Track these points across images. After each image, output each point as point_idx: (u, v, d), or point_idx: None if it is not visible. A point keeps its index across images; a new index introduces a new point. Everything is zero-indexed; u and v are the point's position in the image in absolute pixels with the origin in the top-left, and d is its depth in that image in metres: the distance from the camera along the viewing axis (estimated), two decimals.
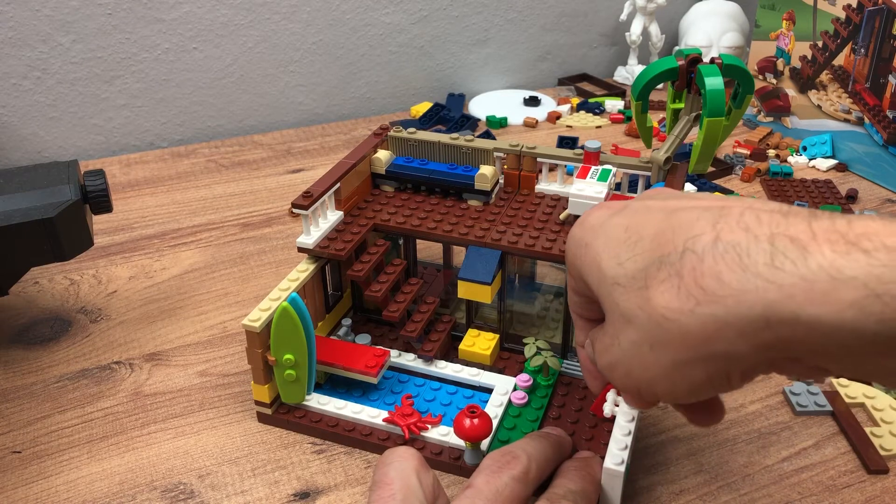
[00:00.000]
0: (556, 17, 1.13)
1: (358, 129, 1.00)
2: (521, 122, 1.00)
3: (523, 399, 0.50)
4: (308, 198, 0.51)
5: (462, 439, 0.45)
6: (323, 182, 0.53)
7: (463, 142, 0.58)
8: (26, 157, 0.91)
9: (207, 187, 0.84)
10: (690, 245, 0.31)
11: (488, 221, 0.54)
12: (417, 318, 0.53)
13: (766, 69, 0.94)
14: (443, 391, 0.52)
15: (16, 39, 0.85)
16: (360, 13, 1.00)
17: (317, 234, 0.52)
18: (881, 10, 0.78)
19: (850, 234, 0.27)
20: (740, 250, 0.29)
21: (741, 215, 0.30)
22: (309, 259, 0.53)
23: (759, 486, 0.47)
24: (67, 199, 0.53)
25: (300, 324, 0.45)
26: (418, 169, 0.58)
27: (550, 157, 0.57)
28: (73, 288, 0.66)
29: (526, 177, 0.58)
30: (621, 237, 0.34)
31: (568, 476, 0.42)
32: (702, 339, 0.30)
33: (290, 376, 0.48)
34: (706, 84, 0.49)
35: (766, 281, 0.28)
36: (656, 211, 0.34)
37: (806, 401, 0.53)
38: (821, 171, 0.86)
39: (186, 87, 0.96)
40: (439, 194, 0.58)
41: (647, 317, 0.32)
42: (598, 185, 0.52)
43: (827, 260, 0.27)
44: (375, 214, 0.55)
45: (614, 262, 0.34)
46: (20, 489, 0.47)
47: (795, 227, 0.28)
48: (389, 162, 0.59)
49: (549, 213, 0.55)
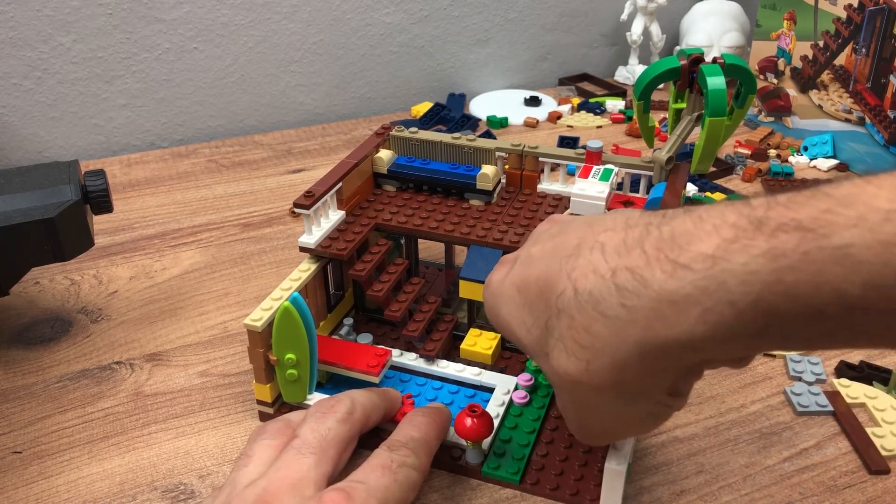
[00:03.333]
0: (557, 17, 1.13)
1: (358, 129, 1.00)
2: (521, 122, 1.00)
3: (525, 398, 0.50)
4: (310, 197, 0.51)
5: (463, 438, 0.45)
6: (325, 182, 0.53)
7: (465, 141, 0.58)
8: (27, 157, 0.91)
9: (208, 187, 0.84)
10: (560, 304, 0.32)
11: (490, 221, 0.54)
12: (419, 318, 0.53)
13: (767, 69, 0.94)
14: (444, 390, 0.52)
15: (16, 39, 0.85)
16: (361, 13, 1.00)
17: (318, 234, 0.52)
18: (882, 10, 0.78)
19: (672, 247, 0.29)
20: (594, 298, 0.30)
21: (591, 253, 0.32)
22: (310, 259, 0.53)
23: (760, 486, 0.47)
24: (68, 200, 0.53)
25: (301, 323, 0.45)
26: (420, 168, 0.58)
27: (552, 157, 0.57)
28: (74, 288, 0.66)
29: (528, 176, 0.58)
30: (518, 301, 0.35)
31: (413, 423, 0.43)
32: (613, 385, 0.31)
33: (291, 376, 0.47)
34: (708, 84, 0.49)
35: (625, 322, 0.29)
36: (537, 261, 0.35)
37: (807, 401, 0.52)
38: (822, 171, 0.86)
39: (187, 87, 0.96)
40: (441, 194, 0.58)
41: (561, 381, 0.33)
42: (600, 185, 0.52)
43: (660, 285, 0.28)
44: (377, 214, 0.56)
45: (524, 329, 0.35)
46: (21, 489, 0.47)
47: (631, 255, 0.30)
48: (391, 161, 0.59)
49: (551, 213, 0.55)
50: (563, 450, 0.48)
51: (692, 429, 0.51)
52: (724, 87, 0.49)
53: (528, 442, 0.48)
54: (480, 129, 0.98)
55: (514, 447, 0.47)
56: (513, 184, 0.59)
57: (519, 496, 0.46)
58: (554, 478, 0.46)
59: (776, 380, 0.55)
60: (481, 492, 0.46)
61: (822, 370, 0.55)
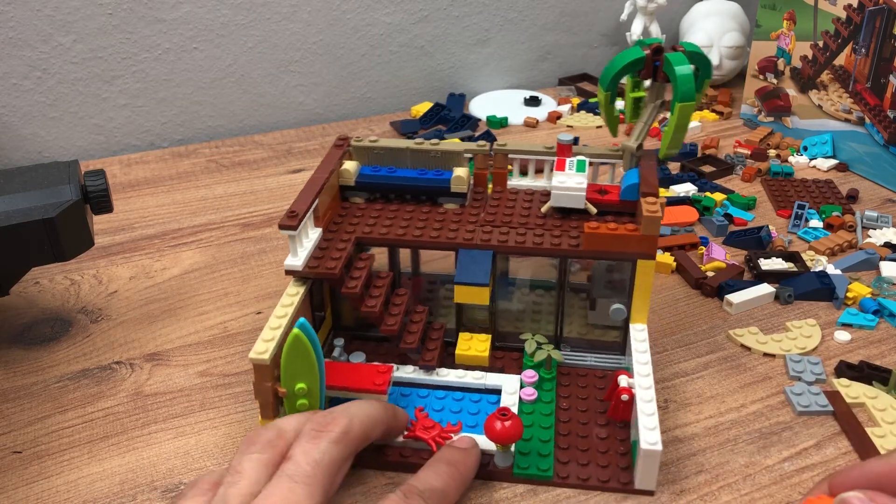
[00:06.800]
0: (557, 17, 1.13)
1: (358, 129, 1.00)
2: (521, 122, 1.00)
3: (533, 395, 0.51)
4: (294, 217, 0.49)
5: (494, 442, 0.45)
6: (304, 199, 0.51)
7: (429, 146, 0.57)
8: (27, 157, 0.91)
9: (208, 187, 0.84)
10: None
11: (471, 223, 0.54)
12: (413, 329, 0.52)
13: (767, 69, 0.94)
14: (449, 399, 0.51)
15: (16, 39, 0.85)
16: (361, 13, 1.00)
17: (304, 255, 0.50)
18: (882, 10, 0.78)
19: None
20: None
21: None
22: (296, 281, 0.50)
23: (760, 486, 0.47)
24: (68, 199, 0.53)
25: (312, 350, 0.43)
26: (391, 177, 0.56)
27: (521, 154, 0.57)
28: (74, 288, 0.66)
29: (497, 174, 0.58)
30: None
31: (436, 469, 0.42)
32: None
33: (302, 406, 0.45)
34: (676, 71, 0.51)
35: None
36: None
37: (807, 401, 0.52)
38: (821, 171, 0.86)
39: (187, 87, 0.96)
40: (412, 201, 0.57)
41: None
42: (579, 177, 0.53)
43: None
44: (354, 228, 0.54)
45: None
46: (21, 489, 0.47)
47: None
48: (357, 173, 0.57)
49: (529, 208, 0.55)
50: (580, 439, 0.49)
51: (692, 429, 0.51)
52: (691, 73, 0.51)
53: (549, 437, 0.48)
54: (480, 129, 0.98)
55: (536, 444, 0.48)
56: (481, 184, 0.58)
57: (519, 495, 0.46)
58: (582, 468, 0.47)
59: (776, 380, 0.55)
60: (481, 491, 0.46)
61: (822, 370, 0.55)
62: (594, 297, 0.55)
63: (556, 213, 0.54)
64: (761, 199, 0.79)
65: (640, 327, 0.52)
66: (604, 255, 0.50)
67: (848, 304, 0.63)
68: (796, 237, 0.73)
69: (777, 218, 0.76)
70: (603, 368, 0.55)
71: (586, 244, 0.50)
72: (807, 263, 0.68)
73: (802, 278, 0.65)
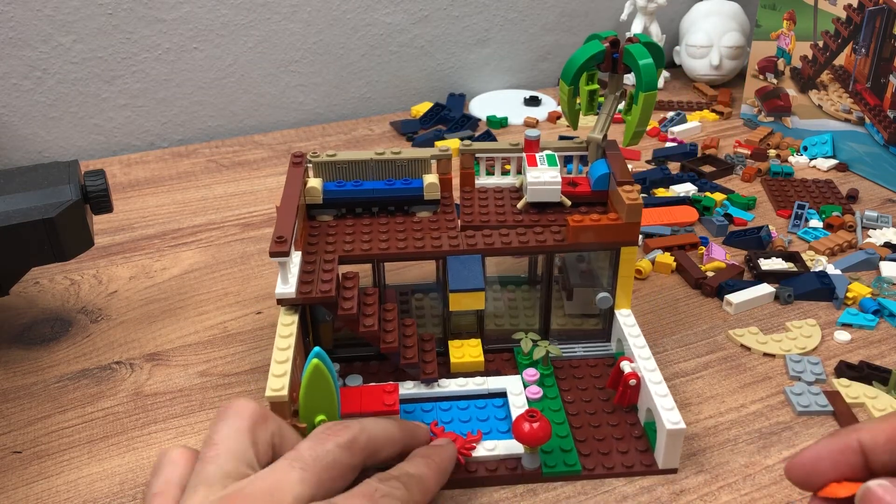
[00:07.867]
0: (557, 17, 1.13)
1: (358, 129, 1.00)
2: (521, 121, 1.00)
3: (538, 393, 0.51)
4: (283, 243, 0.46)
5: (524, 444, 0.45)
6: (285, 222, 0.49)
7: (390, 155, 0.55)
8: (27, 157, 0.91)
9: (208, 187, 0.84)
10: None
11: (451, 228, 0.53)
12: (409, 343, 0.51)
13: (767, 69, 0.94)
14: (454, 409, 0.51)
15: (16, 39, 0.85)
16: (361, 13, 1.00)
17: (293, 281, 0.48)
18: (882, 10, 0.78)
19: None
20: None
21: None
22: (287, 310, 0.48)
23: (760, 486, 0.47)
24: (68, 199, 0.53)
25: (332, 379, 0.42)
26: (360, 191, 0.55)
27: (489, 152, 0.58)
28: (74, 288, 0.66)
29: (464, 174, 0.58)
30: None
31: (411, 460, 0.42)
32: None
33: None
34: (639, 62, 0.52)
35: None
36: None
37: (807, 401, 0.52)
38: (821, 171, 0.86)
39: (187, 87, 0.96)
40: (381, 213, 0.55)
41: None
42: (552, 171, 0.54)
43: None
44: (333, 247, 0.51)
45: None
46: (21, 489, 0.47)
47: None
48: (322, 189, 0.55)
49: (502, 206, 0.55)
50: (594, 429, 0.49)
51: (692, 429, 0.51)
52: (653, 63, 0.52)
53: (566, 433, 0.49)
54: (480, 129, 0.98)
55: (556, 441, 0.48)
56: (445, 188, 0.57)
57: (519, 495, 0.46)
58: (604, 457, 0.47)
59: (776, 380, 0.55)
60: (482, 491, 0.46)
61: (822, 370, 0.55)
62: (571, 286, 0.56)
63: (532, 209, 0.55)
64: (761, 199, 0.79)
65: (625, 312, 0.54)
66: (589, 246, 0.51)
67: (848, 304, 0.63)
68: (796, 237, 0.73)
69: (777, 218, 0.76)
70: (593, 357, 0.55)
71: (572, 237, 0.51)
72: (807, 263, 0.68)
73: (802, 278, 0.65)
